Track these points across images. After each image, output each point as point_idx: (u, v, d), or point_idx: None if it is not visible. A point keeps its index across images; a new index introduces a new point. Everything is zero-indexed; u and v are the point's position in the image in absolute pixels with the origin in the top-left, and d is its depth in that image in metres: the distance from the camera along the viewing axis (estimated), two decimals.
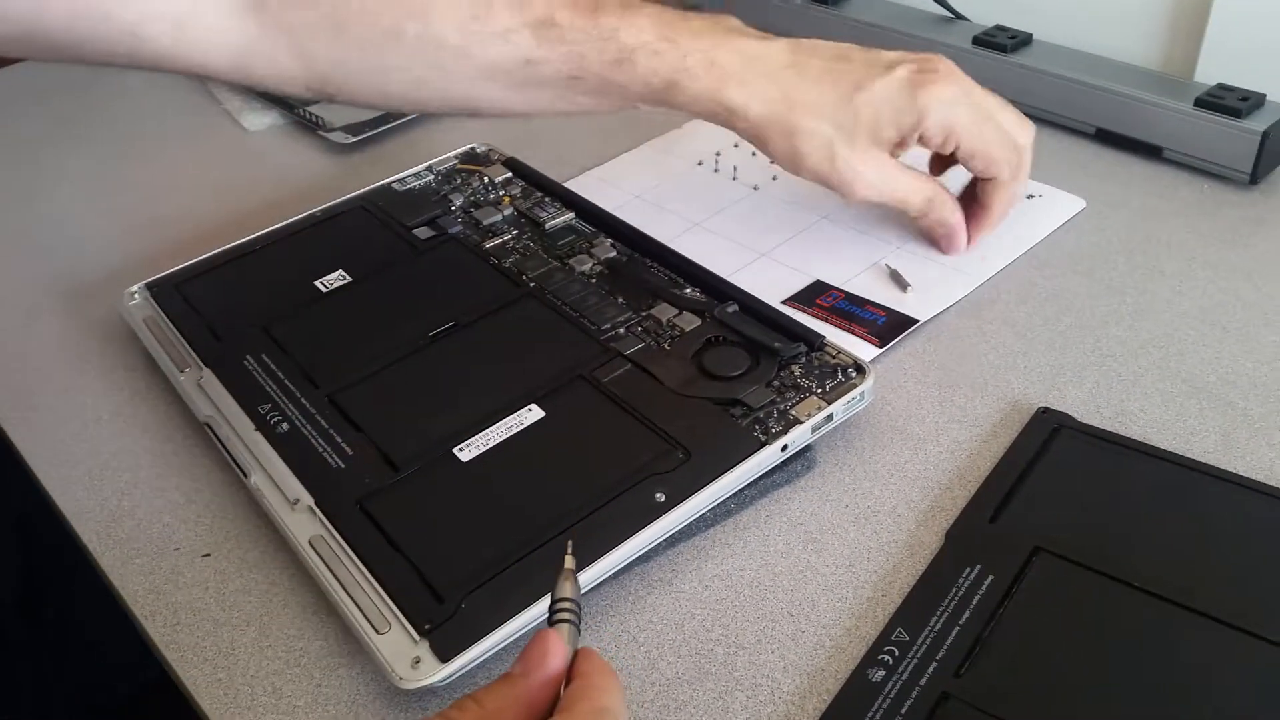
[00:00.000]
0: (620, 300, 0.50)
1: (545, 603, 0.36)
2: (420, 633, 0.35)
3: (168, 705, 0.40)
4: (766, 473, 0.42)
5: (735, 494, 0.42)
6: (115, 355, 0.53)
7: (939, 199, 0.53)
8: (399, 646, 0.35)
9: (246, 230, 0.57)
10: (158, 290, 0.53)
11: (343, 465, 0.42)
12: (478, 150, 0.63)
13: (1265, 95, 0.59)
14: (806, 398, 0.44)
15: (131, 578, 0.42)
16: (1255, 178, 0.58)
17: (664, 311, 0.49)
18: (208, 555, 0.42)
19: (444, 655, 0.35)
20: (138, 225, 0.63)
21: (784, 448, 0.42)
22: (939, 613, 0.37)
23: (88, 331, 0.55)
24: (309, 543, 0.39)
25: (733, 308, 0.49)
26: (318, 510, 0.40)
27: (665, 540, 0.40)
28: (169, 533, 0.43)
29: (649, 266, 0.52)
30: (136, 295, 0.53)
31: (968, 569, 0.38)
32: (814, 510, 0.42)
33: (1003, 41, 0.66)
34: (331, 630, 0.39)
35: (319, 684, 0.37)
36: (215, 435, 0.45)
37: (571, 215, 0.57)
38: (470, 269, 0.53)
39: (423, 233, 0.56)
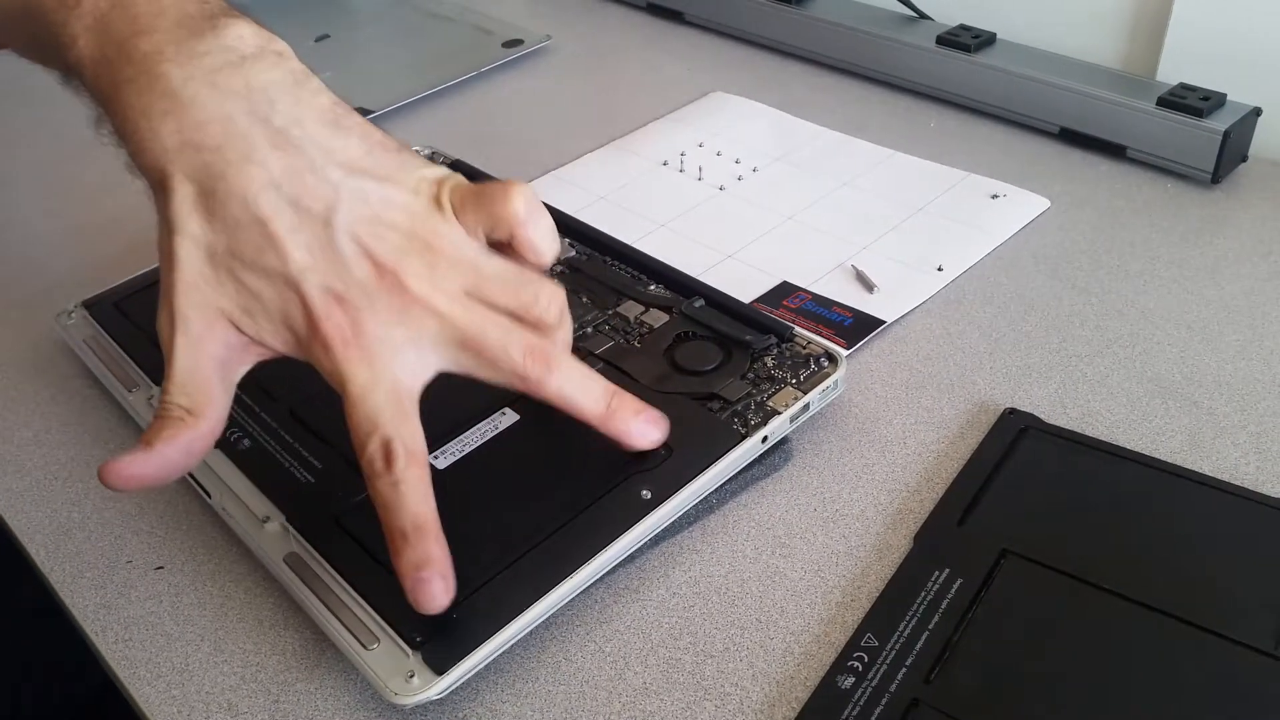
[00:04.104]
0: (585, 299, 0.49)
1: (538, 609, 0.35)
2: (412, 646, 0.34)
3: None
4: (744, 468, 0.42)
5: (706, 496, 0.41)
6: (66, 365, 0.51)
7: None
8: (391, 662, 0.34)
9: None
10: (95, 308, 0.51)
11: (312, 480, 0.41)
12: (420, 153, 0.62)
13: (1226, 95, 0.59)
14: (782, 389, 0.43)
15: (81, 592, 0.40)
16: (1217, 177, 0.58)
17: (630, 309, 0.48)
18: (160, 568, 0.41)
19: (439, 668, 0.34)
20: (82, 232, 0.61)
21: (764, 439, 0.42)
22: (908, 617, 0.36)
23: (37, 341, 0.53)
24: (284, 561, 0.38)
25: (699, 302, 0.48)
26: (291, 527, 0.39)
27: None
28: (120, 545, 0.42)
29: (610, 265, 0.52)
30: (73, 315, 0.51)
31: (936, 572, 0.38)
32: (782, 515, 0.42)
33: (966, 41, 0.66)
34: (288, 645, 0.38)
35: (276, 699, 0.36)
36: None
37: None
38: None
39: None
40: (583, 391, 0.37)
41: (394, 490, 0.33)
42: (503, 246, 0.36)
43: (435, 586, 0.33)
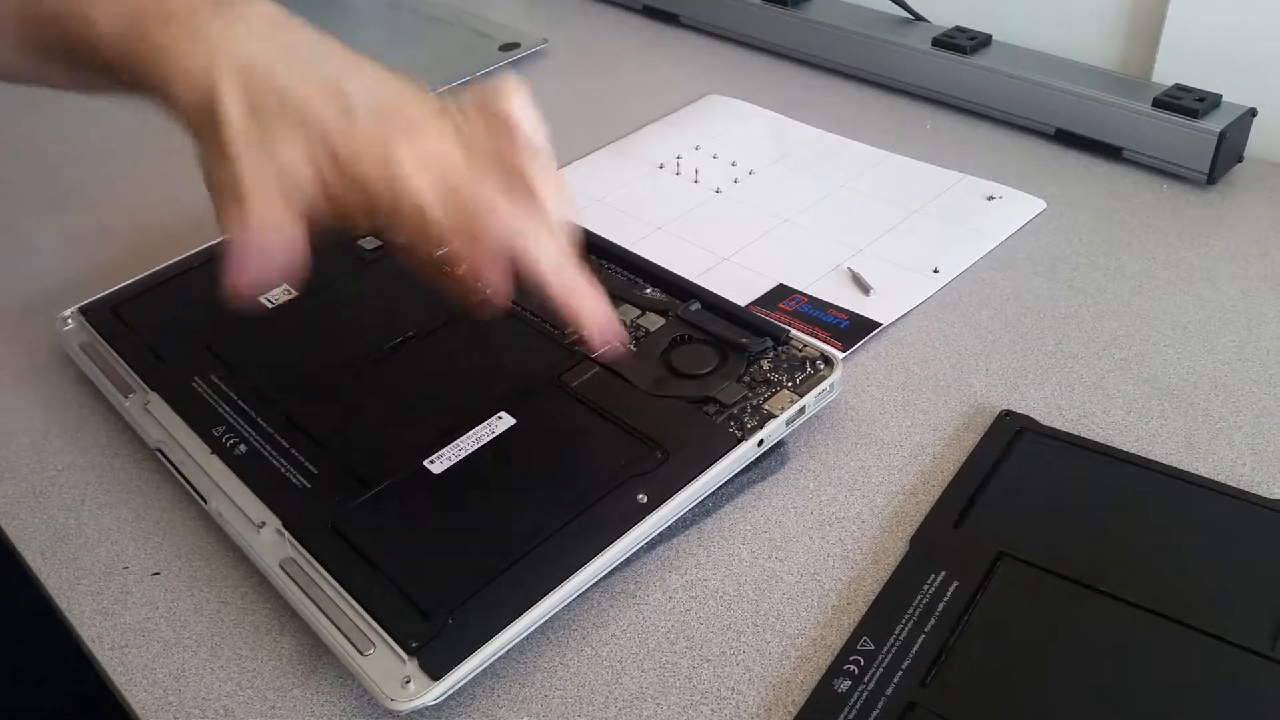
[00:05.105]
0: None
1: (534, 614, 0.36)
2: (408, 651, 0.34)
3: None
4: (740, 471, 0.42)
5: (702, 500, 0.41)
6: (63, 370, 0.51)
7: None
8: (386, 667, 0.34)
9: (192, 243, 0.55)
10: (92, 313, 0.51)
11: (308, 485, 0.41)
12: None
13: (1221, 96, 0.59)
14: (778, 391, 0.44)
15: (78, 598, 0.40)
16: (1212, 178, 0.58)
17: (627, 313, 0.48)
18: (157, 574, 0.41)
19: (435, 673, 0.34)
20: (80, 237, 0.61)
21: (760, 442, 0.42)
22: (904, 621, 0.36)
23: (33, 346, 0.53)
24: (280, 566, 0.38)
25: (695, 306, 0.48)
26: (286, 533, 0.39)
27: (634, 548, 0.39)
28: (117, 551, 0.42)
29: (606, 268, 0.52)
30: (70, 320, 0.51)
31: (932, 575, 0.38)
32: (778, 518, 0.42)
33: (962, 43, 0.66)
34: (284, 650, 0.38)
35: (272, 705, 0.36)
36: (168, 460, 0.43)
37: None
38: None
39: (368, 243, 0.55)
40: (543, 251, 0.37)
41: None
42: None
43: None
